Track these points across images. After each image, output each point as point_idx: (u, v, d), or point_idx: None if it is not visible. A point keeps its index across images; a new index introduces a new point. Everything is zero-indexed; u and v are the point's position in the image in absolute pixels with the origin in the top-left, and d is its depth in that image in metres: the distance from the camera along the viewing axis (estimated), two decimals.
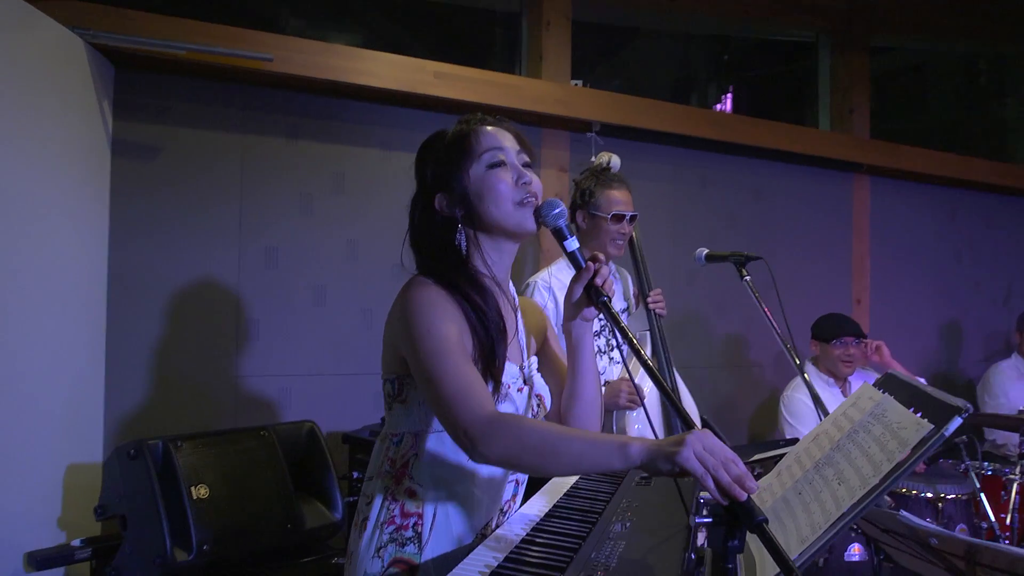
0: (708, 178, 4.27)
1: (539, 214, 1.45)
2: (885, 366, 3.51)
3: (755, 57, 5.46)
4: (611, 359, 2.81)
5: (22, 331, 2.35)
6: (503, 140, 1.49)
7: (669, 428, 2.77)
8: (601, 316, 2.79)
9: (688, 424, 1.21)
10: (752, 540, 1.29)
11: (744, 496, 1.06)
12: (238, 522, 2.20)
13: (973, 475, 2.88)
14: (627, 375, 2.82)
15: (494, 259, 1.52)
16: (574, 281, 1.45)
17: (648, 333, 2.86)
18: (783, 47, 5.21)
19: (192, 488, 2.13)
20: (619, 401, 2.67)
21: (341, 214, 3.29)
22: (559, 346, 1.70)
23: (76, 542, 2.31)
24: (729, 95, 5.46)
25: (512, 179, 1.46)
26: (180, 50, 2.77)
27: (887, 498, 2.99)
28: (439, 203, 1.49)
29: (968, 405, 1.07)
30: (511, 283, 1.62)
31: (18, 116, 2.35)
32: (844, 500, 1.17)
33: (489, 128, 1.51)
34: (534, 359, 1.61)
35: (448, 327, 1.36)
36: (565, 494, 1.76)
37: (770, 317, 2.29)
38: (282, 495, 2.34)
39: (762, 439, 4.21)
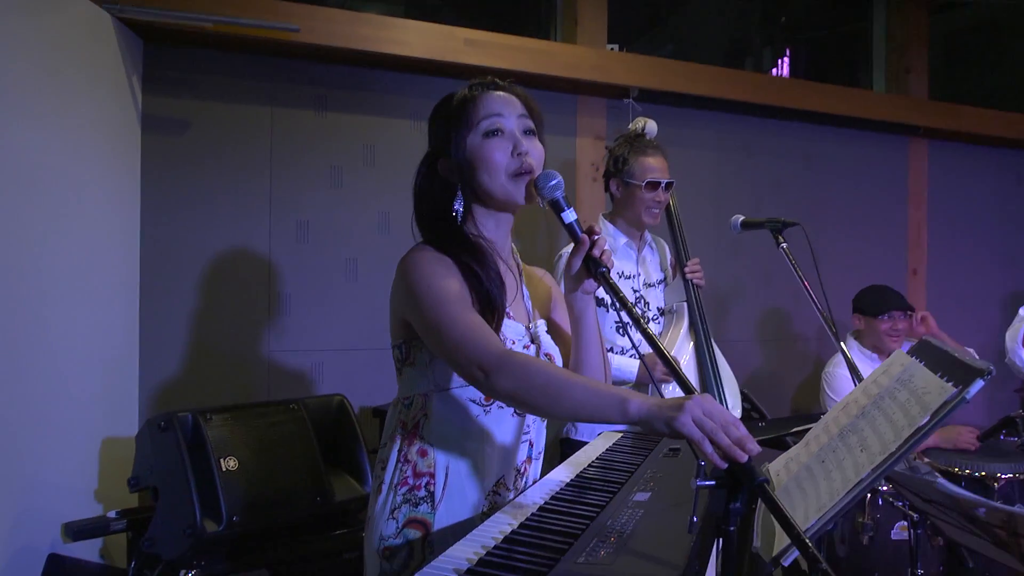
0: (753, 145, 4.21)
1: (535, 185, 1.47)
2: (936, 338, 3.43)
3: (814, 17, 5.34)
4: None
5: (59, 309, 2.44)
6: (505, 107, 1.51)
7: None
8: (635, 289, 2.81)
9: (688, 389, 1.22)
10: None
11: (744, 458, 1.07)
12: (267, 494, 2.26)
13: None
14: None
15: (490, 226, 1.56)
16: (572, 254, 1.48)
17: (685, 304, 2.85)
18: (843, 4, 5.09)
19: (221, 460, 2.20)
20: (655, 374, 2.67)
21: (372, 187, 3.33)
22: (565, 318, 1.73)
23: (112, 513, 2.41)
24: (786, 59, 5.35)
25: (508, 149, 1.48)
26: (207, 22, 2.83)
27: (938, 475, 2.95)
28: (442, 167, 1.53)
29: (991, 367, 1.06)
30: (514, 250, 1.65)
31: (48, 94, 2.43)
32: (864, 467, 1.17)
33: (494, 93, 1.53)
34: (541, 322, 1.64)
35: (448, 281, 1.42)
36: (590, 464, 1.78)
37: (808, 287, 2.26)
38: (311, 468, 2.40)
39: (807, 412, 4.16)
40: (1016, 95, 5.85)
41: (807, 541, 1.01)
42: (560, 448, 2.86)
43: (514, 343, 1.52)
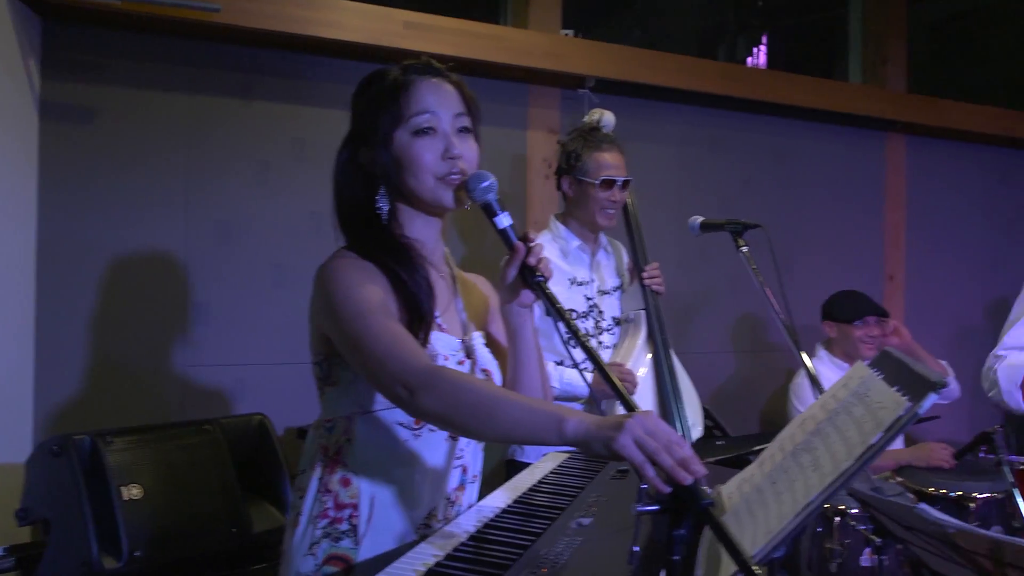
0: (721, 140, 4.25)
1: (466, 187, 1.46)
2: (909, 349, 3.51)
3: (791, 3, 5.41)
4: (600, 343, 2.82)
5: None
6: (439, 102, 1.50)
7: (665, 418, 2.77)
8: (589, 296, 2.81)
9: (630, 407, 1.22)
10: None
11: (688, 480, 1.07)
12: (176, 525, 2.22)
13: (1007, 470, 2.87)
14: (614, 361, 2.82)
15: (419, 227, 1.55)
16: (507, 263, 1.47)
17: (643, 312, 2.86)
18: None
19: (123, 488, 2.16)
20: (608, 388, 2.67)
21: (302, 184, 3.29)
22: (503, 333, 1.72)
23: None
24: (763, 47, 5.42)
25: (439, 150, 1.47)
26: (115, 0, 2.77)
27: (911, 495, 2.99)
28: (364, 157, 1.52)
29: (943, 378, 1.07)
30: (447, 255, 1.64)
31: None
32: (814, 488, 1.17)
33: (430, 81, 1.51)
34: (478, 334, 1.63)
35: (369, 288, 1.40)
36: (531, 488, 1.78)
37: (769, 294, 2.28)
38: (227, 495, 2.37)
39: (778, 428, 4.20)
40: (1002, 89, 6.00)
41: (755, 570, 1.01)
42: (505, 470, 2.85)
43: (446, 358, 1.50)
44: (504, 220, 1.46)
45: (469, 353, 1.57)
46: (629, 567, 1.16)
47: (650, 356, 2.84)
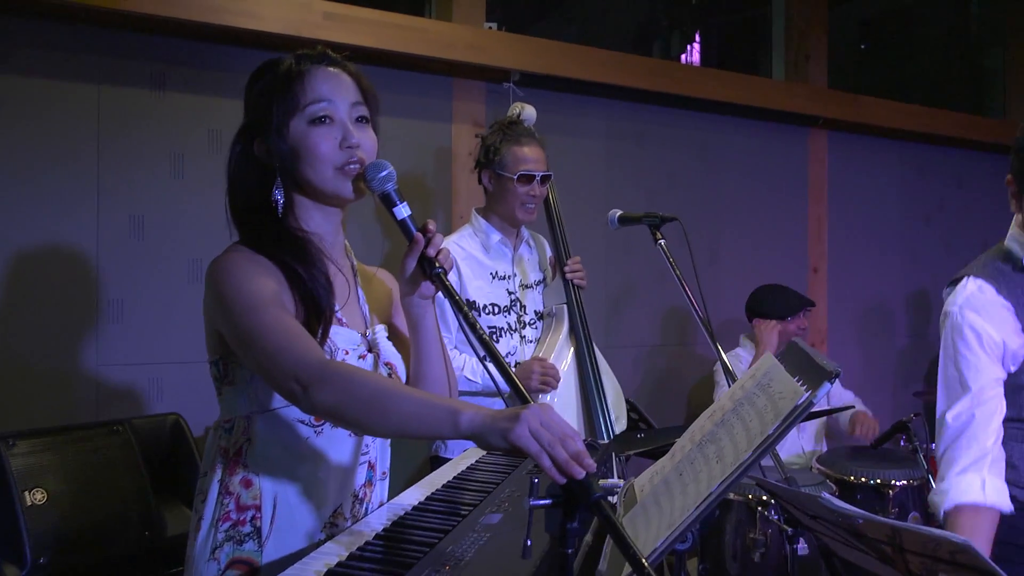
0: (647, 135, 4.30)
1: (363, 177, 1.45)
2: None
3: (722, 2, 5.48)
4: (523, 337, 2.82)
5: None
6: (335, 90, 1.48)
7: (588, 411, 2.80)
8: (511, 290, 2.81)
9: (524, 400, 1.22)
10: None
11: (581, 474, 1.08)
12: (84, 530, 2.17)
13: (922, 458, 2.97)
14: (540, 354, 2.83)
15: (317, 219, 1.53)
16: (406, 254, 1.46)
17: (565, 306, 2.87)
18: None
19: (26, 493, 2.09)
20: (531, 383, 2.68)
21: (218, 177, 3.17)
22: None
23: None
24: (696, 45, 5.49)
25: (336, 139, 1.45)
26: None
27: (832, 485, 3.07)
28: (258, 148, 1.50)
29: (837, 368, 1.09)
30: (347, 247, 1.63)
31: None
32: (716, 479, 1.19)
33: (326, 70, 1.49)
34: (380, 327, 1.61)
35: (261, 282, 1.38)
36: (444, 485, 1.78)
37: (686, 288, 2.31)
38: (139, 498, 2.32)
39: None
40: (923, 86, 6.18)
41: (645, 563, 1.01)
42: (430, 467, 2.84)
43: (347, 352, 1.49)
44: (403, 211, 1.45)
45: (371, 347, 1.56)
46: (529, 562, 1.16)
47: (572, 350, 2.86)
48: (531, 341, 2.86)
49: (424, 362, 1.60)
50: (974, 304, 1.96)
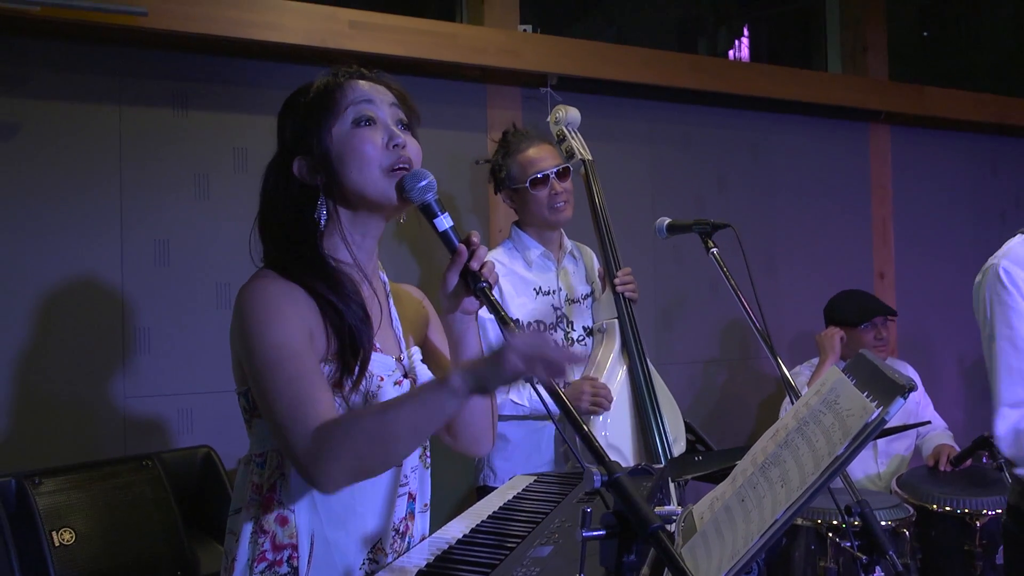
0: (694, 137, 4.27)
1: (402, 187, 1.45)
2: None
3: None
4: None
5: None
6: (376, 92, 1.50)
7: (644, 433, 2.76)
8: (557, 306, 2.80)
9: (577, 424, 1.24)
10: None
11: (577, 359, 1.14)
12: (114, 571, 2.20)
13: (1007, 476, 2.88)
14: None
15: (356, 239, 1.54)
16: (448, 268, 1.46)
17: (616, 321, 2.85)
18: None
19: (54, 533, 2.12)
20: (581, 404, 2.66)
21: (245, 197, 3.19)
22: (444, 341, 1.71)
23: None
24: (744, 39, 5.45)
25: (381, 140, 1.46)
26: (32, 5, 2.74)
27: (910, 509, 2.99)
28: (298, 168, 1.50)
29: (911, 382, 1.07)
30: (380, 267, 1.63)
31: None
32: (782, 505, 1.16)
33: (362, 82, 1.51)
34: (415, 350, 1.61)
35: (287, 329, 1.38)
36: (490, 516, 1.77)
37: (741, 298, 2.28)
38: (170, 535, 2.34)
39: None
40: (990, 74, 6.07)
41: None
42: (477, 497, 2.83)
43: (383, 379, 1.49)
44: (444, 222, 1.44)
45: (407, 372, 1.56)
46: None
47: (625, 368, 2.83)
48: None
49: None
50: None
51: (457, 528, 1.68)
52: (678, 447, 2.85)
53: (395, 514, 1.54)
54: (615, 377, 2.82)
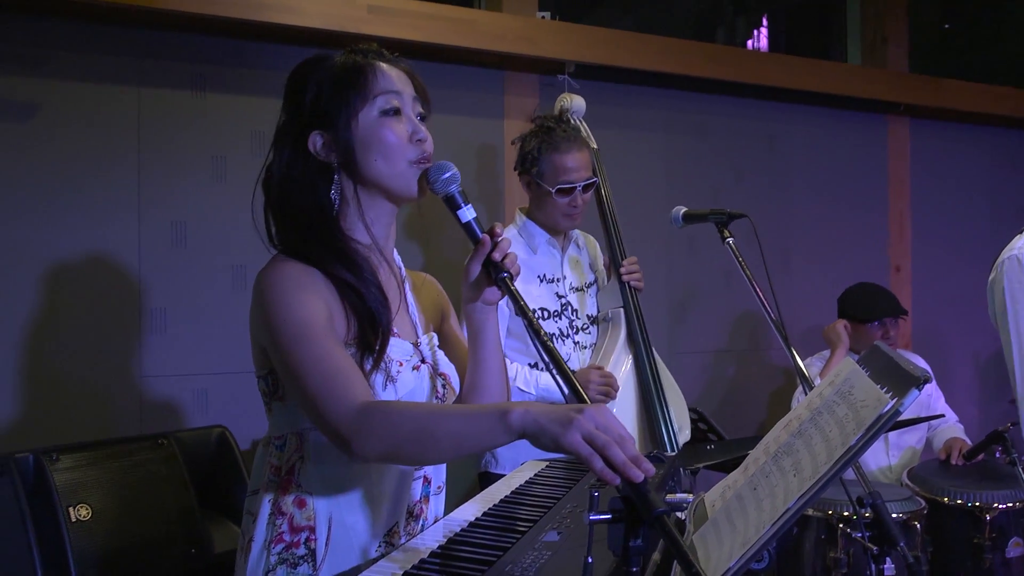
0: (710, 126, 4.26)
1: (427, 179, 1.46)
2: None
3: None
4: (576, 343, 2.81)
5: None
6: (402, 83, 1.51)
7: (649, 422, 2.77)
8: (561, 294, 2.81)
9: (582, 399, 1.24)
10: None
11: (639, 477, 1.08)
12: (129, 547, 2.22)
13: (1020, 471, 2.88)
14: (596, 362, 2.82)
15: (372, 218, 1.53)
16: (471, 258, 1.47)
17: (622, 310, 2.85)
18: None
19: (71, 509, 2.15)
20: (589, 393, 2.66)
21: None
22: (460, 328, 1.72)
23: None
24: (763, 30, 5.43)
25: (408, 132, 1.47)
26: None
27: (921, 502, 3.00)
28: (313, 143, 1.49)
29: (926, 374, 1.07)
30: (395, 251, 1.64)
31: None
32: (793, 494, 1.17)
33: (386, 66, 1.51)
34: (433, 335, 1.62)
35: (310, 308, 1.38)
36: (502, 500, 1.78)
37: (756, 288, 2.28)
38: (185, 514, 2.37)
39: None
40: (1011, 68, 6.02)
41: None
42: (479, 483, 2.84)
43: (401, 364, 1.50)
44: (468, 213, 1.47)
45: (424, 359, 1.57)
46: None
47: (631, 357, 2.83)
48: (585, 347, 2.84)
49: (484, 372, 1.60)
50: None
51: (470, 511, 1.69)
52: (683, 436, 2.86)
53: (412, 496, 1.56)
54: (621, 366, 2.82)
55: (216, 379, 3.20)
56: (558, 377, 1.28)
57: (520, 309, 1.35)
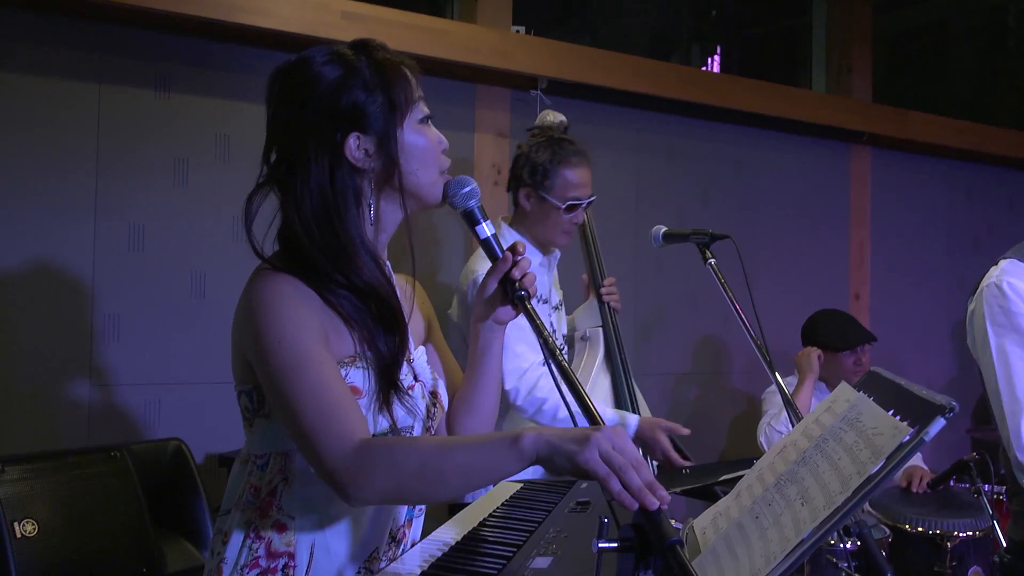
0: (678, 148, 4.27)
1: (445, 194, 1.42)
2: None
3: (747, 13, 5.48)
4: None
5: None
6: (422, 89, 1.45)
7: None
8: (549, 314, 2.75)
9: (596, 421, 1.19)
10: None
11: (655, 504, 1.05)
12: (77, 566, 2.14)
13: (985, 501, 2.88)
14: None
15: (384, 225, 1.46)
16: (489, 274, 1.42)
17: (600, 329, 2.82)
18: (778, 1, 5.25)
19: (16, 524, 2.05)
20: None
21: (225, 185, 3.20)
22: (442, 341, 1.66)
23: None
24: (716, 57, 5.47)
25: (438, 141, 1.44)
26: None
27: (885, 530, 2.99)
28: (350, 148, 1.37)
29: (953, 403, 1.04)
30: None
31: None
32: (806, 523, 1.13)
33: (410, 73, 1.44)
34: (421, 350, 1.56)
35: (307, 331, 1.30)
36: (483, 522, 1.71)
37: (739, 310, 2.25)
38: (137, 531, 2.28)
39: (740, 457, 4.20)
40: (964, 103, 6.16)
41: None
42: (447, 505, 2.76)
43: (412, 388, 1.43)
44: (487, 228, 1.43)
45: (417, 375, 1.49)
46: None
47: (609, 377, 2.79)
48: None
49: (481, 392, 1.54)
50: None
51: (447, 534, 1.63)
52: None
53: (394, 520, 1.48)
54: (598, 386, 2.78)
55: (170, 389, 3.10)
56: (568, 396, 1.22)
57: (535, 328, 1.31)
